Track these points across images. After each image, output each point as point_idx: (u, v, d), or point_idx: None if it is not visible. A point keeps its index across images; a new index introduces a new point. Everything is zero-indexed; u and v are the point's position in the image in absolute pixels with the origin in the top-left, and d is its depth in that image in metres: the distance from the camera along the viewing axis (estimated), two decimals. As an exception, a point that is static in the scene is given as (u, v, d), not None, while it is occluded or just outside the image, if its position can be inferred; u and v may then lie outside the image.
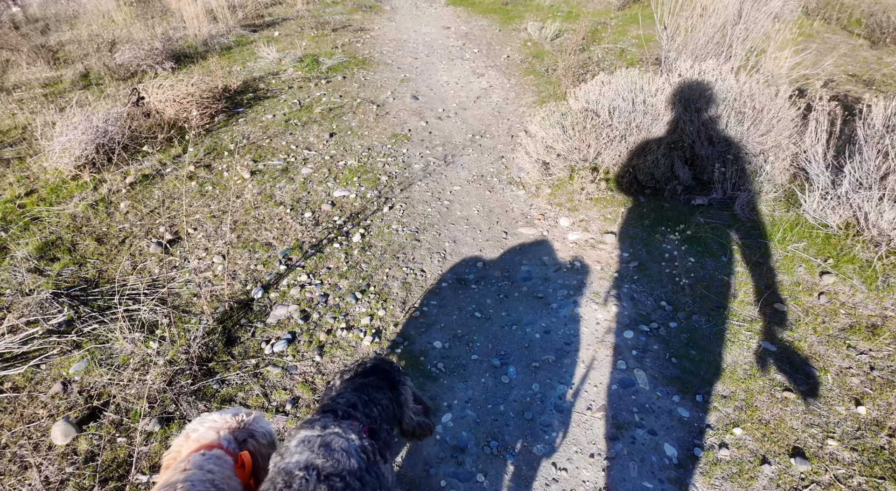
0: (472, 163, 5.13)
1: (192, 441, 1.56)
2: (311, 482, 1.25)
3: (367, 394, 1.65)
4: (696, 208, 4.01)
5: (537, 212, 4.26)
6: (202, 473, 1.39)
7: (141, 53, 7.09)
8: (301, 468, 1.28)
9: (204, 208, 4.30)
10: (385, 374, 1.80)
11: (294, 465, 1.30)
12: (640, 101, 4.19)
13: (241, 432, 1.63)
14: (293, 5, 10.22)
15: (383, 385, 1.75)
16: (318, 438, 1.37)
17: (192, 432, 1.59)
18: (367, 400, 1.62)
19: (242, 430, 1.64)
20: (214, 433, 1.58)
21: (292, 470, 1.29)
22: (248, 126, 5.69)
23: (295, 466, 1.30)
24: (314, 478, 1.26)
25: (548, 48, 7.91)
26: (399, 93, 6.69)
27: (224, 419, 1.63)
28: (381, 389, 1.73)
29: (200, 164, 4.91)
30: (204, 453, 1.47)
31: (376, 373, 1.79)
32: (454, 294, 3.46)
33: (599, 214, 4.11)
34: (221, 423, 1.61)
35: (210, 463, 1.44)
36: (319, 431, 1.40)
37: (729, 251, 3.58)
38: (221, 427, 1.60)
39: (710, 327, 3.03)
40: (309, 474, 1.27)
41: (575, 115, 4.20)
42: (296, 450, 1.35)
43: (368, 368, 1.82)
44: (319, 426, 1.42)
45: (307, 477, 1.26)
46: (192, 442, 1.55)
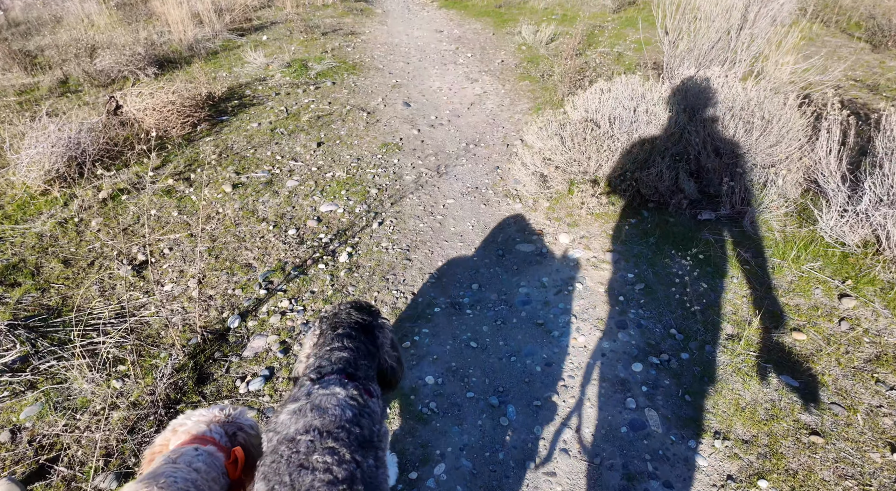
0: (467, 174, 4.85)
1: (180, 434, 1.51)
2: (317, 440, 1.32)
3: (337, 344, 1.68)
4: (702, 224, 3.75)
5: (535, 227, 3.99)
6: (188, 471, 1.34)
7: (122, 59, 6.77)
8: (302, 433, 1.34)
9: (181, 226, 4.00)
10: (360, 325, 1.81)
11: (294, 432, 1.35)
12: (642, 111, 3.93)
13: (230, 426, 1.59)
14: (282, 8, 9.92)
15: (358, 333, 1.77)
16: (307, 405, 1.42)
17: (180, 426, 1.54)
18: (337, 348, 1.65)
19: (231, 423, 1.60)
20: (204, 426, 1.53)
21: (294, 436, 1.34)
22: (232, 135, 5.39)
23: (295, 433, 1.35)
24: (318, 436, 1.32)
25: (543, 52, 7.64)
26: (390, 99, 6.41)
27: (212, 413, 1.59)
28: (355, 337, 1.74)
29: (180, 178, 4.61)
30: (197, 448, 1.43)
31: (348, 324, 1.79)
32: (448, 321, 3.18)
33: (601, 230, 3.84)
34: (210, 416, 1.58)
35: (199, 461, 1.39)
36: (305, 400, 1.44)
37: (740, 272, 3.32)
38: (210, 420, 1.56)
39: (726, 359, 2.76)
40: (313, 435, 1.33)
41: (574, 126, 3.93)
42: (290, 421, 1.39)
43: (340, 320, 1.81)
44: (304, 395, 1.46)
45: (312, 438, 1.32)
46: (182, 434, 1.51)
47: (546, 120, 4.12)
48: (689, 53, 4.31)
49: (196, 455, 1.40)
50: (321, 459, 1.28)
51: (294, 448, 1.31)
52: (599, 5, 9.80)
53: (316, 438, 1.32)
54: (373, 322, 1.86)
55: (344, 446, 1.32)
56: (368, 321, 1.84)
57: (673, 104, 3.99)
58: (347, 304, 1.90)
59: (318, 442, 1.31)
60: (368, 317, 1.86)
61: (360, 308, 1.88)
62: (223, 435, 1.55)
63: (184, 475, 1.32)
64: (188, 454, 1.40)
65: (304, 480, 1.24)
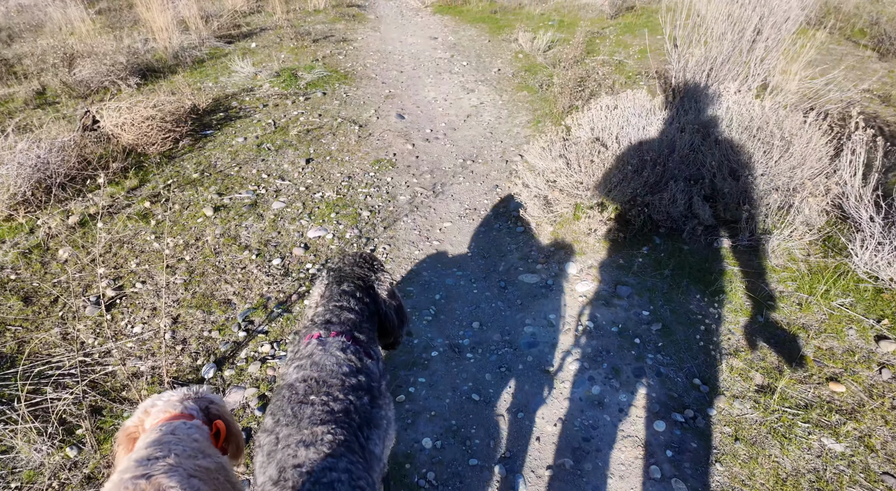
0: (464, 193, 4.51)
1: (155, 414, 1.50)
2: (314, 387, 1.46)
3: (344, 302, 1.79)
4: (719, 252, 3.43)
5: (539, 254, 3.66)
6: (190, 441, 1.38)
7: (102, 69, 6.39)
8: (301, 381, 1.49)
9: (156, 256, 3.64)
10: (359, 279, 1.93)
11: (294, 379, 1.50)
12: (653, 131, 3.60)
13: (201, 401, 1.60)
14: (272, 14, 9.54)
15: (359, 289, 1.88)
16: (307, 360, 1.55)
17: (151, 407, 1.52)
18: (344, 308, 1.76)
19: (201, 399, 1.61)
20: (179, 404, 1.53)
21: (293, 383, 1.49)
22: (216, 151, 5.03)
23: (295, 381, 1.50)
24: (315, 384, 1.47)
25: (541, 61, 7.31)
26: (383, 111, 6.06)
27: (181, 392, 1.59)
28: (356, 295, 1.85)
29: (158, 200, 4.24)
30: (185, 422, 1.45)
31: (352, 278, 1.91)
32: (446, 367, 2.84)
33: (611, 260, 3.51)
34: (180, 395, 1.58)
35: (195, 432, 1.43)
36: (307, 359, 1.56)
37: (765, 309, 2.99)
38: (182, 398, 1.57)
39: (759, 417, 2.44)
40: (309, 383, 1.48)
41: (581, 146, 3.59)
42: (293, 372, 1.54)
43: (345, 273, 1.93)
44: (306, 355, 1.58)
45: (309, 385, 1.47)
46: (157, 414, 1.49)
47: (549, 139, 3.78)
48: (700, 67, 3.99)
49: (188, 427, 1.44)
50: (318, 398, 1.43)
51: (294, 390, 1.47)
52: (597, 11, 9.48)
53: (313, 385, 1.47)
54: (372, 277, 1.98)
55: (338, 390, 1.47)
56: (369, 277, 1.96)
57: (685, 123, 3.67)
58: (351, 258, 2.02)
59: (314, 387, 1.46)
60: (370, 272, 1.98)
61: (363, 262, 2.01)
62: (198, 411, 1.56)
63: (188, 444, 1.36)
64: (181, 427, 1.43)
65: (304, 411, 1.40)
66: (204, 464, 1.34)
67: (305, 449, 1.30)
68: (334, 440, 1.33)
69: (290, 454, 1.30)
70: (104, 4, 9.83)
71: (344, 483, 1.24)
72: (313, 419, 1.36)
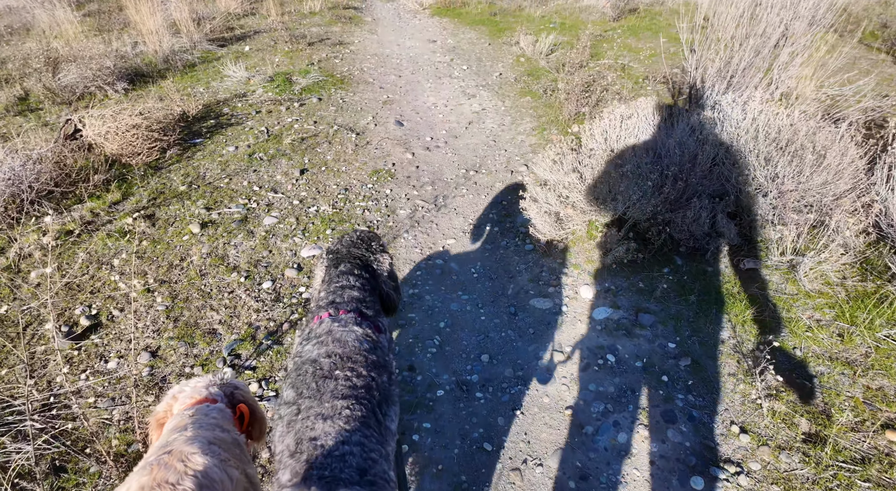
0: (468, 207, 4.20)
1: (182, 400, 1.51)
2: (338, 363, 1.49)
3: (344, 281, 1.79)
4: (747, 275, 3.12)
5: (551, 276, 3.35)
6: (209, 419, 1.39)
7: (89, 73, 6.05)
8: (325, 356, 1.51)
9: (138, 278, 3.32)
10: (357, 258, 1.94)
11: (317, 355, 1.52)
12: (673, 144, 3.29)
13: (226, 387, 1.60)
14: (267, 16, 9.20)
15: (357, 267, 1.89)
16: (327, 336, 1.57)
17: (179, 393, 1.54)
18: (346, 287, 1.76)
19: (226, 385, 1.60)
20: (205, 390, 1.54)
21: (317, 358, 1.51)
22: (205, 161, 4.70)
23: (318, 356, 1.51)
24: (339, 360, 1.50)
25: (543, 65, 7.00)
26: (381, 117, 5.74)
27: (207, 379, 1.59)
28: (355, 272, 1.85)
29: (141, 215, 3.92)
30: (208, 406, 1.46)
31: (349, 259, 1.92)
32: (454, 409, 2.52)
33: (629, 283, 3.20)
34: (206, 381, 1.58)
35: (214, 412, 1.44)
36: (327, 335, 1.57)
37: (803, 341, 2.69)
38: (208, 384, 1.57)
39: (810, 474, 2.13)
40: (335, 359, 1.50)
41: (596, 159, 3.29)
42: (313, 348, 1.55)
43: (342, 255, 1.94)
44: (325, 332, 1.58)
45: (334, 361, 1.49)
46: (184, 400, 1.50)
47: (560, 151, 3.47)
48: (720, 75, 3.69)
49: (209, 410, 1.44)
50: (342, 373, 1.44)
51: (318, 366, 1.47)
52: (598, 13, 9.18)
53: (337, 361, 1.47)
54: (371, 258, 1.98)
55: (362, 367, 1.48)
56: (367, 258, 1.97)
57: (706, 135, 3.36)
58: (349, 239, 2.03)
59: (339, 363, 1.47)
60: (368, 252, 1.99)
61: (361, 243, 2.02)
62: (223, 396, 1.56)
63: (207, 421, 1.37)
64: (202, 409, 1.44)
65: (327, 386, 1.40)
66: (221, 436, 1.35)
67: (323, 422, 1.33)
68: (352, 415, 1.35)
69: (308, 426, 1.33)
70: (94, 6, 9.47)
71: (356, 455, 1.26)
72: (335, 393, 1.38)
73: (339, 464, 1.24)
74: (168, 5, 8.17)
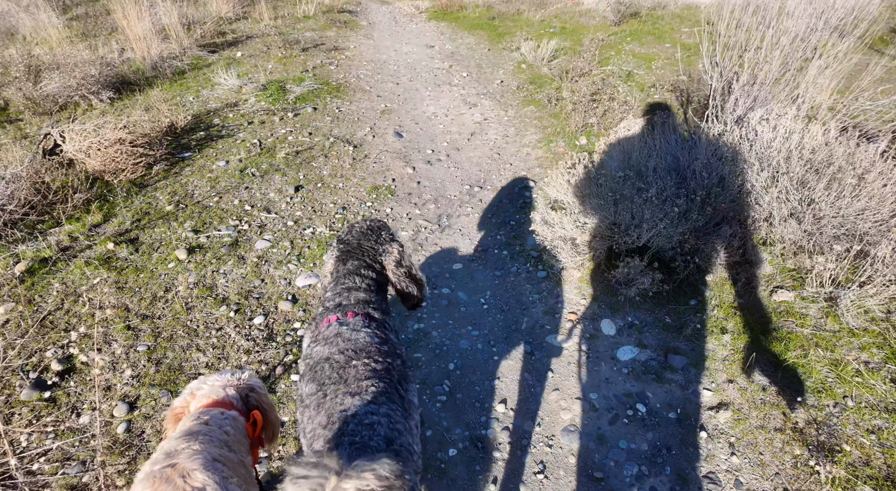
0: (473, 227, 3.90)
1: (200, 398, 1.54)
2: (353, 355, 1.50)
3: (350, 282, 1.77)
4: (782, 309, 2.84)
5: (567, 308, 3.06)
6: (220, 432, 1.38)
7: (72, 82, 5.70)
8: (339, 353, 1.51)
9: (118, 314, 3.00)
10: (366, 253, 1.88)
11: (330, 353, 1.52)
12: (700, 165, 3.01)
13: (243, 389, 1.61)
14: (259, 21, 8.85)
15: (364, 266, 1.83)
16: (336, 338, 1.56)
17: (198, 390, 1.56)
18: (352, 289, 1.74)
19: (244, 386, 1.62)
20: (222, 390, 1.56)
21: (330, 356, 1.51)
22: (194, 178, 4.38)
23: (331, 354, 1.51)
24: (353, 353, 1.50)
25: (546, 72, 6.71)
26: (379, 128, 5.43)
27: (226, 378, 1.62)
28: (361, 272, 1.81)
29: (123, 239, 3.59)
30: (223, 412, 1.47)
31: (358, 254, 1.86)
32: (468, 473, 2.23)
33: (654, 318, 2.91)
34: (224, 381, 1.61)
35: (228, 424, 1.44)
36: (336, 337, 1.56)
37: (853, 388, 2.41)
38: (226, 384, 1.59)
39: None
40: (348, 354, 1.50)
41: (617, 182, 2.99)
42: (325, 348, 1.55)
43: (352, 248, 1.89)
44: (333, 334, 1.58)
45: (348, 355, 1.50)
46: (202, 398, 1.54)
47: (576, 171, 3.18)
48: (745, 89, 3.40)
49: (223, 418, 1.44)
50: (359, 361, 1.48)
51: (334, 360, 1.49)
52: (599, 17, 8.89)
53: (352, 354, 1.50)
54: (380, 249, 1.91)
55: (377, 354, 1.52)
56: (376, 250, 1.90)
57: (734, 154, 3.08)
58: (358, 230, 1.95)
59: (354, 355, 1.50)
60: (377, 244, 1.91)
61: (370, 233, 1.94)
62: (238, 399, 1.57)
63: (218, 435, 1.37)
64: (217, 417, 1.44)
65: (349, 373, 1.44)
66: (227, 455, 1.34)
67: (351, 398, 1.37)
68: (378, 390, 1.40)
69: (337, 402, 1.37)
70: (81, 10, 9.09)
71: (383, 425, 1.31)
72: (358, 376, 1.42)
73: (369, 432, 1.28)
74: (157, 9, 7.82)
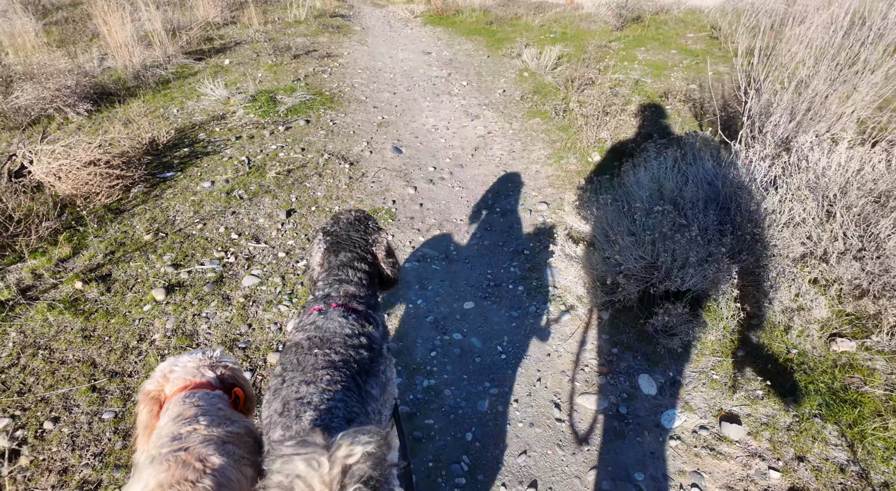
0: (484, 257, 3.50)
1: (175, 381, 1.51)
2: (317, 343, 1.49)
3: (342, 274, 1.75)
4: (842, 358, 2.46)
5: (598, 359, 2.66)
6: (216, 410, 1.40)
7: (46, 94, 5.22)
8: (306, 340, 1.51)
9: (83, 370, 2.56)
10: (356, 245, 1.84)
11: (300, 339, 1.52)
12: (745, 195, 2.62)
13: (216, 366, 1.59)
14: (248, 26, 8.37)
15: (356, 259, 1.81)
16: (311, 326, 1.56)
17: (170, 373, 1.53)
18: (343, 281, 1.73)
19: (216, 364, 1.60)
20: (197, 371, 1.54)
21: (299, 341, 1.52)
22: (176, 201, 3.93)
23: (301, 340, 1.52)
24: (318, 341, 1.50)
25: (550, 80, 6.30)
26: (377, 143, 5.00)
27: (197, 358, 1.59)
28: (353, 265, 1.78)
29: (94, 276, 3.15)
30: (208, 393, 1.48)
31: (349, 246, 1.83)
32: None
33: (700, 371, 2.52)
34: (196, 361, 1.58)
35: (218, 402, 1.45)
36: (311, 326, 1.57)
37: (941, 465, 2.03)
38: (199, 365, 1.57)
39: None
40: (314, 341, 1.50)
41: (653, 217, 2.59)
42: (299, 334, 1.55)
43: (342, 240, 1.85)
44: (310, 323, 1.58)
45: (313, 342, 1.50)
46: (178, 381, 1.51)
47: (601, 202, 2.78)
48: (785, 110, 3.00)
49: (211, 397, 1.45)
50: (320, 351, 1.46)
51: (300, 347, 1.49)
52: (600, 22, 8.50)
53: (316, 342, 1.49)
54: (369, 239, 1.88)
55: (339, 346, 1.49)
56: (366, 241, 1.87)
57: (783, 182, 2.69)
58: (346, 221, 1.90)
59: (318, 344, 1.49)
60: (366, 235, 1.88)
61: (358, 224, 1.90)
62: (216, 378, 1.56)
63: (215, 414, 1.38)
64: (204, 398, 1.45)
65: (307, 361, 1.44)
66: (234, 430, 1.36)
67: (307, 386, 1.36)
68: (332, 379, 1.38)
69: (293, 391, 1.35)
70: (61, 15, 8.57)
71: (340, 409, 1.30)
72: (315, 365, 1.41)
73: (328, 416, 1.27)
74: (140, 14, 7.33)
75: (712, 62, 6.34)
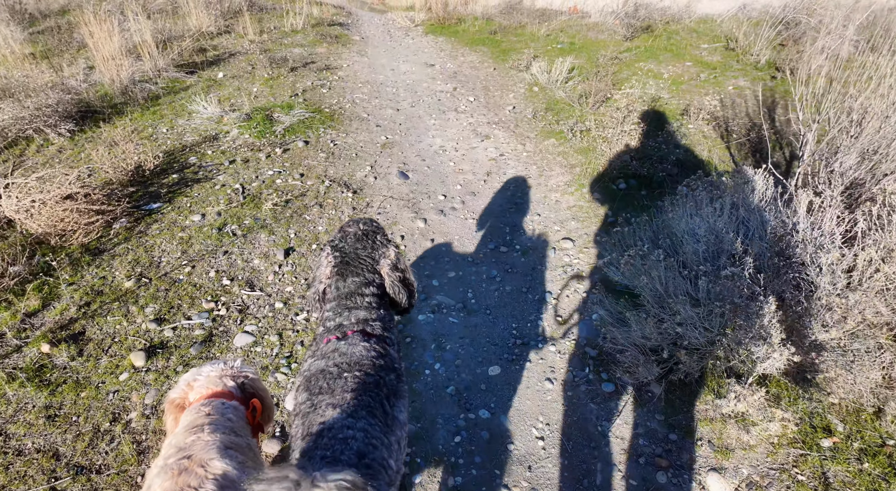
0: (507, 306, 3.06)
1: (198, 389, 1.52)
2: (345, 368, 1.45)
3: (351, 303, 1.69)
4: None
5: (653, 446, 2.22)
6: (225, 420, 1.40)
7: (25, 113, 4.74)
8: (334, 365, 1.47)
9: (46, 461, 2.11)
10: (364, 265, 1.78)
11: (325, 365, 1.48)
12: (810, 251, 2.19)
13: (237, 377, 1.59)
14: (243, 36, 7.87)
15: (365, 284, 1.75)
16: (334, 353, 1.52)
17: (194, 381, 1.54)
18: (352, 308, 1.67)
19: (237, 375, 1.60)
20: (219, 380, 1.54)
21: (325, 368, 1.47)
22: (162, 238, 3.48)
23: (327, 367, 1.47)
24: (347, 366, 1.46)
25: (561, 95, 5.86)
26: (381, 167, 4.55)
27: (220, 368, 1.59)
28: (362, 291, 1.73)
29: (65, 336, 2.70)
30: (224, 402, 1.47)
31: (357, 266, 1.77)
32: None
33: (780, 467, 2.09)
34: (219, 371, 1.58)
35: (230, 412, 1.44)
36: (333, 351, 1.53)
37: None
38: (221, 374, 1.57)
39: None
40: (342, 366, 1.46)
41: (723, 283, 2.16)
42: (321, 362, 1.50)
43: (350, 258, 1.78)
44: (330, 350, 1.54)
45: (341, 368, 1.46)
46: (200, 389, 1.52)
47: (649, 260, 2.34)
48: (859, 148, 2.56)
49: (225, 408, 1.44)
50: (350, 374, 1.43)
51: (328, 372, 1.45)
52: (608, 31, 8.06)
53: (345, 367, 1.45)
54: (376, 255, 1.82)
55: (369, 368, 1.47)
56: (373, 257, 1.81)
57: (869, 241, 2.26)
58: (353, 235, 1.83)
59: (346, 368, 1.45)
60: (373, 250, 1.82)
61: (365, 238, 1.83)
62: (236, 388, 1.55)
63: (223, 423, 1.38)
64: (218, 407, 1.44)
65: (338, 384, 1.41)
66: (237, 440, 1.36)
67: (332, 409, 1.33)
68: (359, 404, 1.35)
69: (319, 414, 1.34)
70: (48, 23, 8.05)
71: (358, 440, 1.26)
72: (345, 388, 1.39)
73: (342, 446, 1.24)
74: (129, 24, 6.83)
75: (732, 76, 5.93)
